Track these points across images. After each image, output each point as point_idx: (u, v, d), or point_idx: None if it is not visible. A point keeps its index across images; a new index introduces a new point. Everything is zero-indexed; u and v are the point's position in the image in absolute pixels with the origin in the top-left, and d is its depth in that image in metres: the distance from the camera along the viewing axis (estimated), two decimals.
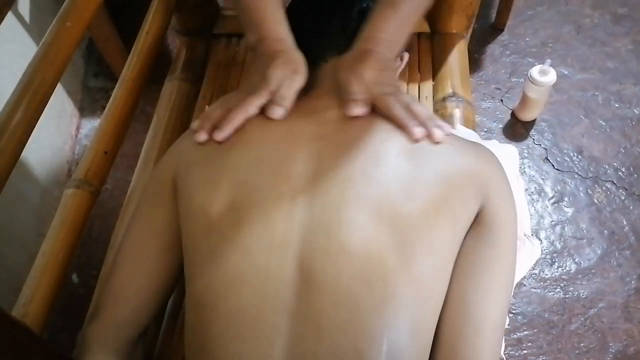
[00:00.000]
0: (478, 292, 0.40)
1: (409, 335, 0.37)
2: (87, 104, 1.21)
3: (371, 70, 0.46)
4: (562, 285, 0.92)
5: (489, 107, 1.17)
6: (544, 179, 1.05)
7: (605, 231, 0.97)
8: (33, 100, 0.51)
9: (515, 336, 0.87)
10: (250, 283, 0.37)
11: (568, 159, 1.07)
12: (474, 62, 1.23)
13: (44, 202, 0.97)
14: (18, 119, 0.49)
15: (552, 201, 1.02)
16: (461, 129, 0.67)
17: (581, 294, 0.91)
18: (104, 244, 0.61)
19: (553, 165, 1.07)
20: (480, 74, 1.22)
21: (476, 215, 0.43)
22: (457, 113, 0.69)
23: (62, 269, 0.51)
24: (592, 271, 0.93)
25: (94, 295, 0.55)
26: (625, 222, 0.98)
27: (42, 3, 1.04)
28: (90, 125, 1.18)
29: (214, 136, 0.44)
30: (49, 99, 0.53)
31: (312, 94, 0.50)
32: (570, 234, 0.98)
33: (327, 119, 0.45)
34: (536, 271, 0.93)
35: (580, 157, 1.07)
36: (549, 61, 1.00)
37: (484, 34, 1.29)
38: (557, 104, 1.15)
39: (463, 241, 0.42)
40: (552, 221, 0.99)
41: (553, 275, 0.93)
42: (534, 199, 1.03)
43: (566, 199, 1.02)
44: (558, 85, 1.13)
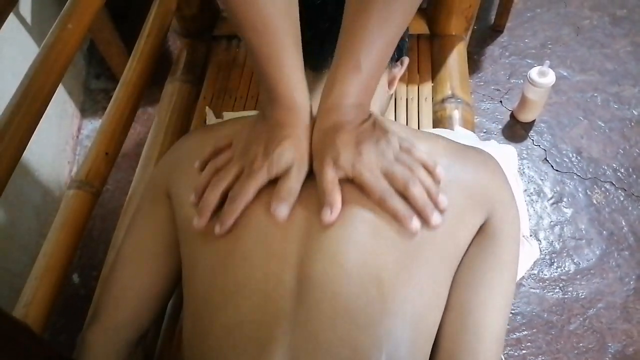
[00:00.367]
0: (479, 301, 0.40)
1: (407, 348, 0.37)
2: (89, 105, 1.22)
3: (345, 151, 0.38)
4: (561, 285, 0.92)
5: (488, 108, 1.17)
6: (543, 179, 1.05)
7: (604, 232, 0.98)
8: (34, 102, 0.51)
9: (514, 336, 0.87)
10: (249, 295, 0.37)
11: (567, 160, 1.08)
12: (474, 63, 1.23)
13: (45, 203, 0.97)
14: (19, 120, 0.49)
15: (551, 202, 1.02)
16: (460, 130, 0.67)
17: (580, 295, 0.91)
18: (104, 244, 0.61)
19: (552, 166, 1.07)
20: (479, 75, 1.22)
21: (480, 226, 0.43)
22: (456, 114, 0.69)
23: (63, 270, 0.52)
24: (591, 272, 0.93)
25: (94, 297, 0.56)
26: (624, 223, 0.98)
27: (44, 5, 1.04)
28: (91, 126, 1.18)
29: (216, 231, 0.39)
30: (51, 100, 0.54)
31: (315, 102, 0.49)
32: (569, 235, 0.98)
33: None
34: (535, 271, 0.94)
35: (579, 158, 1.08)
36: (548, 62, 1.00)
37: (483, 35, 1.29)
38: (556, 105, 1.15)
39: (467, 249, 0.42)
40: (551, 222, 1.00)
41: (552, 276, 0.93)
42: (533, 200, 1.03)
43: (565, 199, 1.02)
44: (557, 87, 1.14)
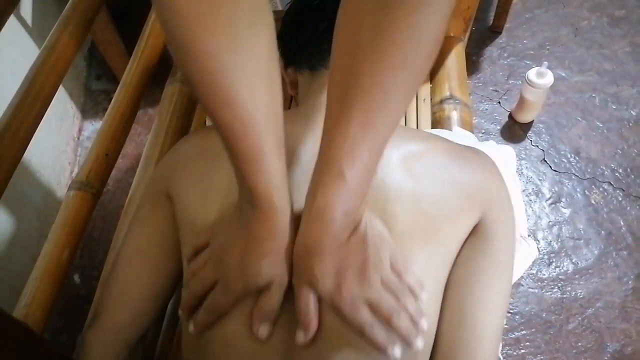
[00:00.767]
0: (474, 300, 0.40)
1: (406, 350, 0.37)
2: (89, 107, 1.22)
3: (324, 281, 0.34)
4: (559, 285, 0.93)
5: (486, 109, 1.17)
6: (541, 180, 1.06)
7: (603, 232, 0.98)
8: (35, 103, 0.52)
9: (513, 336, 0.88)
10: (246, 307, 0.37)
11: (565, 160, 1.08)
12: (472, 64, 1.24)
13: (46, 204, 0.97)
14: (20, 121, 0.50)
15: (550, 202, 1.03)
16: (458, 131, 0.67)
17: (579, 294, 0.91)
18: (105, 245, 0.61)
19: (550, 167, 1.07)
20: (478, 76, 1.23)
21: (475, 226, 0.43)
22: (454, 115, 0.69)
23: (63, 270, 0.52)
24: (590, 271, 0.94)
25: (94, 298, 0.56)
26: (622, 223, 0.99)
27: (45, 6, 1.05)
28: (92, 128, 1.19)
29: (190, 329, 0.39)
30: (51, 101, 0.54)
31: (312, 102, 0.50)
32: (568, 235, 0.98)
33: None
34: (534, 271, 0.94)
35: (577, 158, 1.08)
36: (546, 63, 1.01)
37: (481, 36, 1.29)
38: (555, 105, 1.16)
39: (460, 251, 0.42)
40: (550, 222, 1.00)
41: (550, 276, 0.94)
42: (531, 200, 1.03)
43: (563, 199, 1.03)
44: (555, 87, 1.14)
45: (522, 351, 0.86)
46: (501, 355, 0.84)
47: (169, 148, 0.61)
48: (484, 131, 1.13)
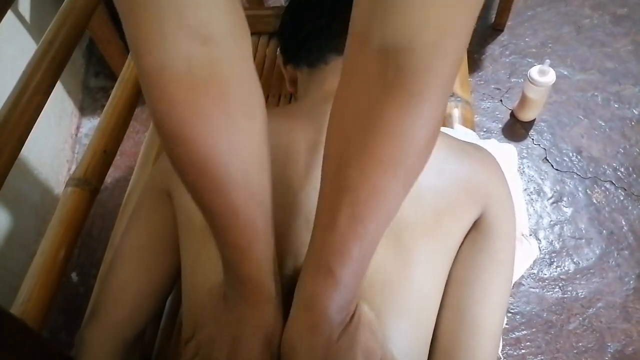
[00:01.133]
0: (474, 298, 0.40)
1: (406, 340, 0.37)
2: (88, 104, 1.22)
3: None
4: (560, 285, 0.92)
5: (488, 107, 1.17)
6: (543, 179, 1.05)
7: (604, 231, 0.98)
8: (32, 99, 0.51)
9: (514, 335, 0.87)
10: None
11: (567, 159, 1.08)
12: (474, 62, 1.23)
13: (44, 201, 0.97)
14: (17, 117, 0.49)
15: (551, 201, 1.02)
16: (460, 129, 0.67)
17: (580, 294, 0.91)
18: (103, 243, 0.61)
19: (552, 165, 1.07)
20: (479, 74, 1.22)
21: (475, 222, 0.43)
22: (456, 113, 0.69)
23: (61, 268, 0.52)
24: (591, 271, 0.93)
25: (92, 295, 0.56)
26: (624, 222, 0.98)
27: (43, 3, 1.04)
28: (90, 125, 1.18)
29: None
30: (49, 97, 0.54)
31: (311, 98, 0.50)
32: (569, 234, 0.98)
33: (326, 125, 0.45)
34: (535, 271, 0.94)
35: (579, 157, 1.07)
36: (548, 61, 1.00)
37: (483, 34, 1.29)
38: (557, 104, 1.15)
39: (460, 247, 0.42)
40: (551, 221, 1.00)
41: (552, 275, 0.93)
42: (533, 199, 1.03)
43: (565, 199, 1.02)
44: (557, 86, 1.13)
45: (523, 351, 0.86)
46: (501, 355, 0.83)
47: None
48: (485, 129, 1.13)
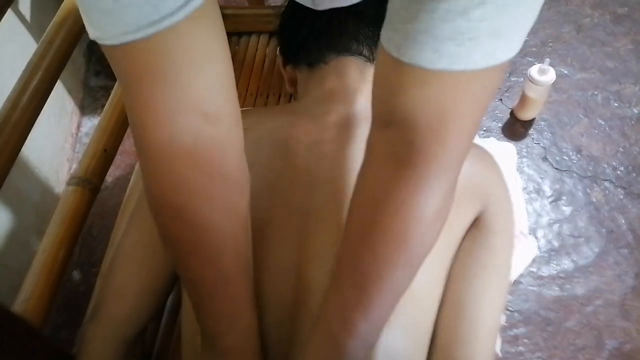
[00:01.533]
0: (473, 295, 0.41)
1: (404, 336, 0.37)
2: (88, 103, 1.22)
3: None
4: (559, 283, 0.92)
5: (488, 106, 1.17)
6: (542, 177, 1.05)
7: (603, 230, 0.98)
8: (32, 98, 0.51)
9: (512, 333, 0.88)
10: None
11: (567, 158, 1.08)
12: None
13: (44, 200, 0.97)
14: (17, 116, 0.49)
15: (551, 200, 1.03)
16: None
17: (578, 292, 0.91)
18: (104, 242, 0.61)
19: (552, 164, 1.07)
20: None
21: (474, 219, 0.43)
22: None
23: (62, 266, 0.52)
24: (590, 269, 0.93)
25: (93, 294, 0.56)
26: (623, 221, 0.98)
27: (43, 1, 1.04)
28: (91, 124, 1.18)
29: None
30: (49, 96, 0.54)
31: (312, 97, 0.50)
32: (568, 233, 0.98)
33: (326, 124, 0.45)
34: (533, 269, 0.94)
35: (579, 156, 1.08)
36: (548, 60, 1.00)
37: None
38: (557, 103, 1.15)
39: (460, 244, 0.43)
40: (550, 220, 1.00)
41: (550, 273, 0.93)
42: (532, 198, 1.03)
43: (564, 197, 1.02)
44: (557, 85, 1.13)
45: (521, 348, 0.86)
46: (500, 352, 0.84)
47: None
48: (485, 129, 1.13)
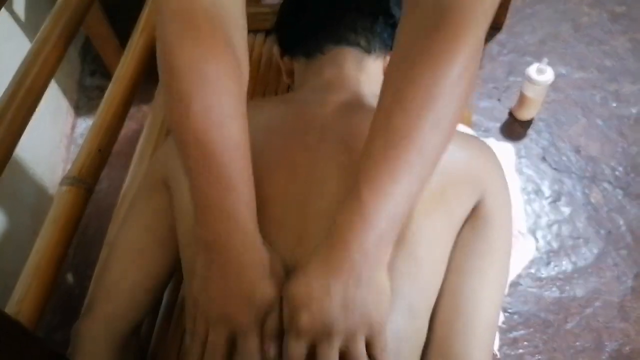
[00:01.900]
0: (470, 286, 0.41)
1: (406, 317, 0.38)
2: (83, 103, 1.21)
3: (330, 309, 0.33)
4: (558, 284, 0.92)
5: (486, 106, 1.16)
6: (541, 178, 1.05)
7: (602, 231, 0.97)
8: (27, 98, 0.51)
9: (511, 335, 0.87)
10: None
11: (565, 159, 1.07)
12: None
13: (39, 201, 0.96)
14: (11, 116, 0.49)
15: (549, 200, 1.02)
16: (458, 128, 0.67)
17: (577, 293, 0.91)
18: (99, 243, 0.61)
19: (550, 165, 1.07)
20: (477, 73, 1.22)
21: (473, 209, 0.43)
22: None
23: (56, 267, 0.51)
24: (589, 270, 0.93)
25: (89, 290, 0.55)
26: (622, 222, 0.98)
27: (38, 1, 1.04)
28: (85, 124, 1.17)
29: None
30: (43, 95, 0.53)
31: (310, 87, 0.50)
32: (567, 234, 0.98)
33: (323, 112, 0.45)
34: (532, 270, 0.93)
35: (577, 156, 1.07)
36: (546, 60, 1.00)
37: None
38: (555, 103, 1.15)
39: (459, 234, 0.43)
40: (549, 220, 0.99)
41: (549, 275, 0.93)
42: (531, 198, 1.02)
43: (563, 198, 1.02)
44: (556, 84, 1.13)
45: (520, 351, 0.86)
46: (499, 353, 0.83)
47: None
48: (483, 129, 1.12)
